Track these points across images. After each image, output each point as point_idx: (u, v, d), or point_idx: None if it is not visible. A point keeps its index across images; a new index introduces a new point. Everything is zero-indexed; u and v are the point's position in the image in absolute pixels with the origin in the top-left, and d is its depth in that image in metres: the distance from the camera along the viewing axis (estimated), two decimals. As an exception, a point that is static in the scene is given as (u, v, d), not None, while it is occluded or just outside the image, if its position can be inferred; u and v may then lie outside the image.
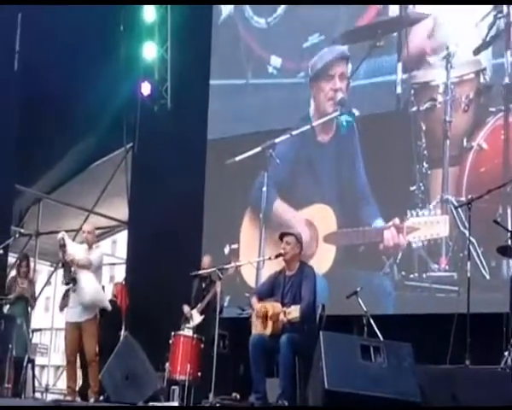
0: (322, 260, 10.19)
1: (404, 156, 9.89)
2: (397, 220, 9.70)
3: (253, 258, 10.13)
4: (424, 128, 9.81)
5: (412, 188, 9.72)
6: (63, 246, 8.13)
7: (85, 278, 8.18)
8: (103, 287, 8.89)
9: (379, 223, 9.90)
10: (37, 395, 10.50)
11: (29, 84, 11.47)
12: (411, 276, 9.58)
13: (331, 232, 10.35)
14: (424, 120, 9.85)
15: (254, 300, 7.31)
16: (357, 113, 10.41)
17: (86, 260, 8.20)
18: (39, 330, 12.10)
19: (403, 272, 9.65)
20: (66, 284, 8.25)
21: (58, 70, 11.46)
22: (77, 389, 8.42)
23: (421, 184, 9.69)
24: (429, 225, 9.48)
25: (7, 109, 11.24)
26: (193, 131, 11.90)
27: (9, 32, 11.39)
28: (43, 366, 17.47)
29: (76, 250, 8.30)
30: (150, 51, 12.79)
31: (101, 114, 12.24)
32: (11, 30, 11.45)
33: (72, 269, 8.14)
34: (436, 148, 9.70)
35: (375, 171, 10.00)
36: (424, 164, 9.72)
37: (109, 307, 8.56)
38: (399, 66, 10.16)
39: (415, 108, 9.95)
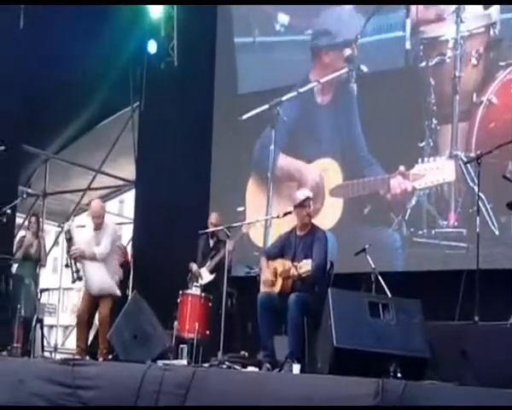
0: (329, 214, 10.16)
1: (413, 112, 9.78)
2: (402, 168, 9.65)
3: (260, 216, 10.07)
4: (433, 83, 9.69)
5: (421, 144, 9.63)
6: (69, 240, 8.13)
7: (91, 269, 8.22)
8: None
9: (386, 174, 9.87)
10: (46, 354, 10.52)
11: (36, 44, 11.36)
12: (420, 232, 9.51)
13: (337, 185, 10.31)
14: (433, 75, 9.73)
15: (263, 259, 7.29)
16: (365, 69, 10.28)
17: (91, 254, 8.19)
18: (47, 290, 12.12)
19: (411, 229, 9.58)
20: (73, 281, 8.29)
21: (64, 28, 11.33)
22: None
23: (430, 140, 9.60)
24: (435, 170, 9.40)
25: (14, 69, 11.15)
26: (199, 89, 11.82)
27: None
28: (51, 326, 17.58)
29: (82, 238, 8.27)
30: (156, 9, 12.65)
31: (108, 72, 12.16)
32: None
33: (78, 265, 8.16)
34: (445, 103, 9.59)
35: (384, 127, 9.87)
36: (433, 120, 9.61)
37: (118, 293, 8.52)
38: (408, 21, 10.00)
39: (424, 64, 9.82)
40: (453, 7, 9.60)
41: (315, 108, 10.70)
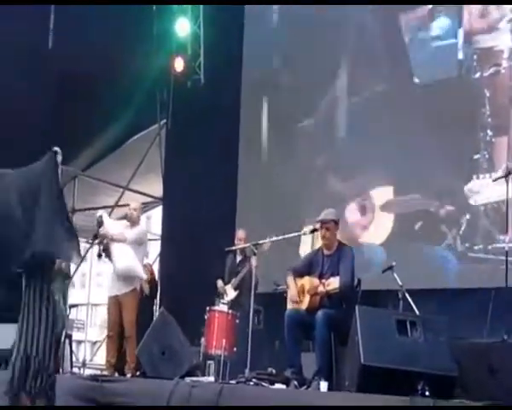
0: (380, 229, 9.87)
1: (466, 124, 9.40)
2: (457, 184, 9.32)
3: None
4: (488, 95, 9.31)
5: (476, 156, 9.26)
6: (101, 223, 8.27)
7: (119, 250, 8.31)
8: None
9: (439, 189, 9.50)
10: (75, 370, 10.59)
11: (64, 63, 11.49)
12: (475, 248, 9.12)
13: (388, 200, 10.01)
14: (488, 86, 9.36)
15: (290, 277, 7.30)
16: (416, 80, 10.00)
17: (120, 235, 8.33)
18: (76, 305, 12.22)
19: (466, 244, 9.22)
20: (98, 256, 8.48)
21: (92, 48, 11.45)
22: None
23: (485, 153, 9.21)
24: (491, 187, 8.78)
25: (43, 88, 11.27)
26: (226, 106, 11.87)
27: (43, 11, 11.39)
28: (79, 342, 17.65)
29: (113, 226, 8.43)
30: (183, 27, 12.78)
31: (135, 90, 12.24)
32: (45, 8, 11.46)
33: (105, 241, 8.27)
34: (501, 115, 9.22)
35: (437, 139, 9.48)
36: (488, 132, 9.23)
37: (144, 275, 8.62)
38: (461, 31, 9.70)
39: (478, 75, 9.47)
40: (509, 16, 9.29)
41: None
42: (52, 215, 5.76)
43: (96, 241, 8.47)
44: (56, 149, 5.91)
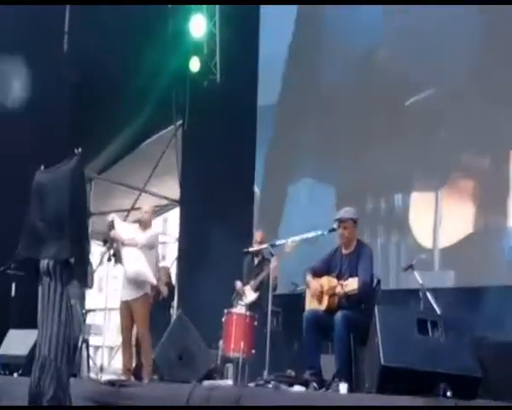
0: None
1: None
2: None
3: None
4: None
5: None
6: (112, 227, 8.20)
7: (129, 254, 8.21)
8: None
9: None
10: (92, 374, 10.53)
11: (79, 65, 11.48)
12: None
13: None
14: None
15: (309, 276, 7.21)
16: None
17: (132, 240, 8.23)
18: (93, 310, 12.17)
19: None
20: (108, 260, 8.37)
21: (106, 49, 11.42)
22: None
23: None
24: None
25: (58, 91, 11.26)
26: (243, 106, 11.81)
27: (58, 14, 11.38)
28: (97, 347, 17.64)
29: (125, 230, 8.33)
30: (199, 26, 12.71)
31: (151, 91, 12.20)
32: (60, 11, 11.44)
33: (114, 245, 8.19)
34: None
35: None
36: None
37: (154, 281, 8.47)
38: None
39: None
40: None
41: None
42: (82, 227, 5.79)
43: (107, 245, 8.39)
44: (79, 150, 5.90)
